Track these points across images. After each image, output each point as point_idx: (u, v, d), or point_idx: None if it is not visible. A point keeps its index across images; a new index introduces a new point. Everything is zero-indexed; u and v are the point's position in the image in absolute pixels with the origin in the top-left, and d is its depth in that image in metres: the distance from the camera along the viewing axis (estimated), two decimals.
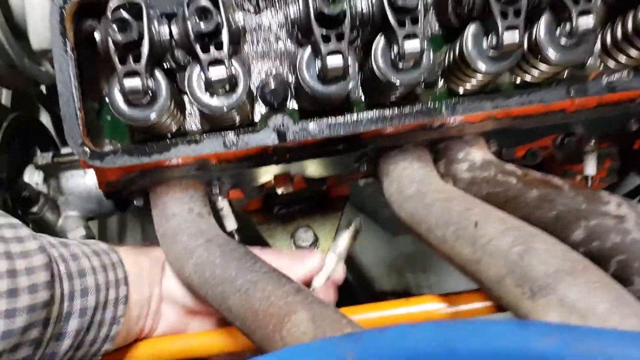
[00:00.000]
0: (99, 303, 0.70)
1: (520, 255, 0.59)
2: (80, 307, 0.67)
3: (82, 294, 0.68)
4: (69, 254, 0.70)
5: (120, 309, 0.73)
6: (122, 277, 0.75)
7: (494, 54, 0.72)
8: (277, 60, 0.80)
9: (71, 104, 0.70)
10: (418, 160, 0.81)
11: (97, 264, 0.72)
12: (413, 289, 1.72)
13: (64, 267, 0.67)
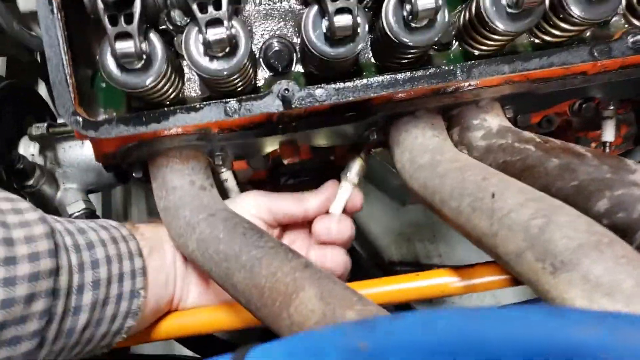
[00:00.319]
0: (113, 275, 0.66)
1: (541, 228, 0.55)
2: (92, 280, 0.64)
3: (92, 266, 0.64)
4: (75, 228, 0.66)
5: (139, 281, 0.70)
6: (135, 249, 0.71)
7: (513, 11, 0.67)
8: (281, 21, 0.75)
9: (61, 69, 0.65)
10: (431, 127, 0.76)
11: (107, 237, 0.69)
12: (422, 258, 1.69)
13: (70, 239, 0.64)
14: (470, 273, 0.75)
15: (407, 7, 0.64)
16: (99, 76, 0.74)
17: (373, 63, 0.76)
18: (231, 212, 0.73)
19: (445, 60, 0.77)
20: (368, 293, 0.74)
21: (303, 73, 0.76)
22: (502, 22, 0.67)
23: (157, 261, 0.74)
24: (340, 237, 0.81)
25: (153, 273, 0.72)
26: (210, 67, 0.64)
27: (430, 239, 1.71)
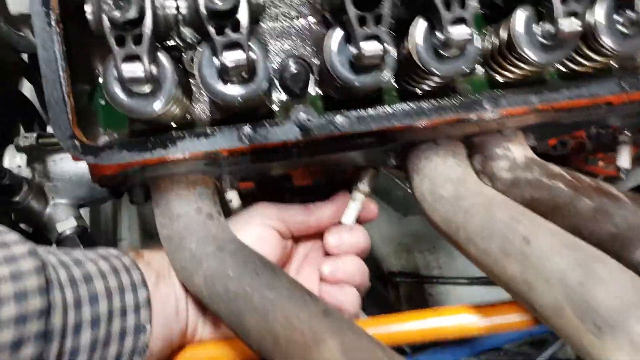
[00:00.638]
0: (115, 310, 0.61)
1: (580, 282, 0.51)
2: (91, 317, 0.58)
3: (91, 301, 0.59)
4: (71, 260, 0.61)
5: (144, 314, 0.64)
6: (138, 279, 0.65)
7: (548, 42, 0.63)
8: (298, 39, 0.70)
9: (58, 87, 0.60)
10: (453, 156, 0.72)
11: (106, 267, 0.63)
12: (422, 269, 1.67)
13: (64, 272, 0.58)
14: (491, 311, 0.72)
15: (440, 37, 0.59)
16: (99, 92, 0.68)
17: (394, 87, 0.71)
18: (240, 244, 0.68)
19: (469, 85, 0.73)
20: (384, 331, 0.71)
21: (320, 96, 0.71)
22: (535, 52, 0.64)
23: (165, 289, 0.68)
24: (354, 247, 0.78)
25: (161, 303, 0.67)
26: (225, 92, 0.59)
27: (430, 249, 1.68)
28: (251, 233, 0.73)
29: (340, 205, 0.80)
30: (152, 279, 0.67)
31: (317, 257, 0.82)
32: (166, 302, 0.68)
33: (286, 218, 0.76)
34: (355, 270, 0.77)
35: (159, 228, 0.70)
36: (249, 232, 0.73)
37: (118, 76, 0.55)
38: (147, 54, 0.54)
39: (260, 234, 0.74)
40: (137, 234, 1.71)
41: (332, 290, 0.76)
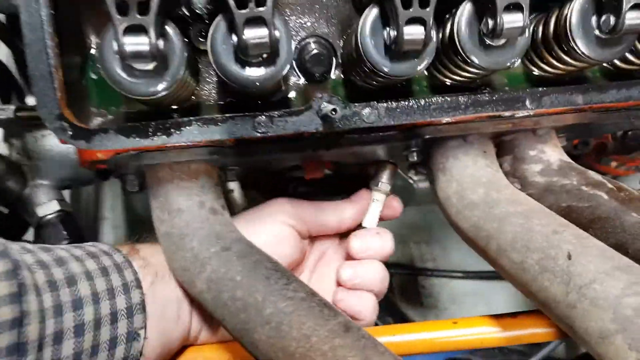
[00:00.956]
0: (103, 316, 0.54)
1: (636, 310, 0.46)
2: (74, 324, 0.51)
3: (74, 307, 0.51)
4: (52, 259, 0.53)
5: (138, 320, 0.57)
6: (131, 279, 0.58)
7: (605, 36, 0.56)
8: (322, 17, 0.62)
9: (43, 58, 0.51)
10: (483, 156, 0.66)
11: (94, 267, 0.56)
12: (417, 260, 1.62)
13: (42, 274, 0.51)
14: (512, 324, 0.66)
15: (489, 22, 0.52)
16: (91, 65, 0.60)
17: (425, 76, 0.64)
18: (248, 244, 0.61)
19: (505, 79, 0.66)
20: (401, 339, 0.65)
21: (342, 81, 0.64)
22: (589, 47, 0.57)
23: (165, 291, 0.61)
24: (378, 253, 0.72)
25: (158, 307, 0.59)
26: (242, 74, 0.51)
27: (426, 241, 1.63)
28: (269, 231, 0.66)
29: (362, 206, 0.74)
30: (149, 278, 0.59)
31: (334, 257, 0.76)
32: (165, 306, 0.60)
33: (306, 217, 0.69)
34: (376, 277, 0.71)
35: (156, 223, 0.62)
36: (266, 230, 0.66)
37: (118, 50, 0.47)
38: (153, 26, 0.46)
39: (279, 233, 0.67)
40: (121, 213, 1.62)
41: (348, 296, 0.70)
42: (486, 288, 1.59)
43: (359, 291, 0.70)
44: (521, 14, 0.51)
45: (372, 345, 0.50)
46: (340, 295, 0.70)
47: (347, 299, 0.70)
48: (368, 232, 0.73)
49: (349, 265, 0.71)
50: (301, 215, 0.69)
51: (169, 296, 0.61)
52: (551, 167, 0.66)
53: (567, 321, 0.51)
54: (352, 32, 0.58)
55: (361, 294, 0.70)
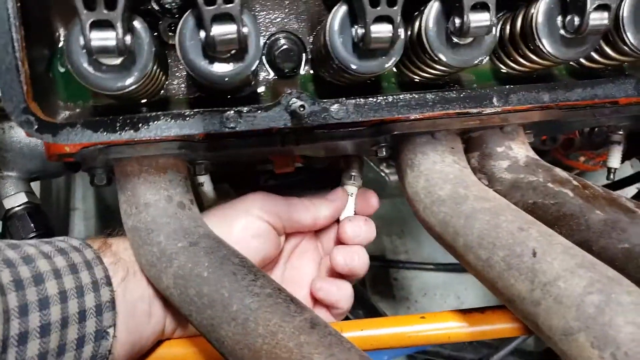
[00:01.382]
0: (70, 316, 0.53)
1: (599, 307, 0.47)
2: (40, 324, 0.50)
3: (40, 306, 0.51)
4: (19, 257, 0.52)
5: (107, 318, 0.56)
6: (101, 276, 0.57)
7: (569, 36, 0.57)
8: (291, 12, 0.62)
9: (10, 51, 0.50)
10: (451, 152, 0.67)
11: (63, 264, 0.55)
12: (389, 253, 1.63)
13: (7, 273, 0.50)
14: (480, 319, 0.68)
15: (456, 21, 0.53)
16: (58, 58, 0.59)
17: (394, 72, 0.65)
18: (216, 239, 0.61)
19: (473, 76, 0.67)
20: (369, 334, 0.66)
21: (312, 77, 0.64)
22: (554, 46, 0.58)
23: (137, 289, 0.60)
24: (367, 239, 0.76)
25: (129, 304, 0.59)
26: (210, 70, 0.51)
27: (398, 234, 1.65)
28: (244, 226, 0.66)
29: (338, 206, 0.76)
30: (120, 275, 0.59)
31: (307, 247, 0.77)
32: (136, 303, 0.60)
33: (281, 214, 0.69)
34: (364, 261, 0.74)
35: (123, 217, 0.62)
36: (241, 225, 0.66)
37: (84, 45, 0.46)
38: (121, 21, 0.45)
39: (255, 228, 0.67)
40: (92, 203, 1.60)
41: (327, 286, 0.72)
42: (457, 280, 1.62)
43: (338, 280, 0.73)
44: (488, 13, 0.52)
45: (339, 342, 0.50)
46: (319, 285, 0.72)
47: (326, 288, 0.72)
48: (359, 219, 0.76)
49: (341, 251, 0.73)
50: (277, 212, 0.69)
51: (141, 293, 0.61)
52: (518, 163, 0.67)
53: (532, 318, 0.52)
54: (321, 28, 0.58)
55: (338, 284, 0.72)
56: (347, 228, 0.74)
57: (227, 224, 0.65)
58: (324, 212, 0.74)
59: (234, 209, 0.68)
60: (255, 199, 0.69)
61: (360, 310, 1.26)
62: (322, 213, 0.73)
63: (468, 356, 1.29)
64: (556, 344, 0.50)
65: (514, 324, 0.67)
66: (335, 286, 0.72)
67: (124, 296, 0.58)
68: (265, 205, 0.68)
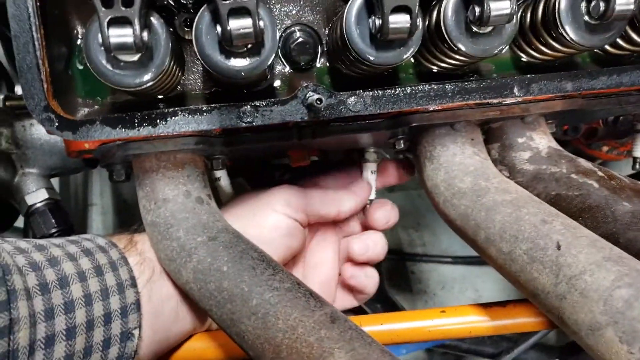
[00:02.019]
0: (96, 318, 0.53)
1: (627, 302, 0.46)
2: (66, 327, 0.51)
3: (66, 309, 0.51)
4: (45, 259, 0.52)
5: (132, 319, 0.56)
6: (127, 277, 0.57)
7: (593, 22, 0.56)
8: (307, 4, 0.61)
9: (31, 50, 0.51)
10: (471, 144, 0.66)
11: (89, 266, 0.55)
12: (405, 246, 1.62)
13: (33, 277, 0.50)
14: (501, 313, 0.67)
15: (476, 10, 0.52)
16: (77, 55, 0.59)
17: (412, 63, 0.64)
18: (235, 233, 0.61)
19: (493, 65, 0.66)
20: (389, 328, 0.65)
21: (328, 68, 0.63)
22: (578, 33, 0.57)
23: (162, 288, 0.60)
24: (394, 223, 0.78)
25: (155, 304, 0.59)
26: (227, 65, 0.51)
27: (414, 226, 1.63)
28: (270, 222, 0.66)
29: (362, 198, 0.75)
30: (146, 275, 0.59)
31: (326, 234, 0.77)
32: (162, 304, 0.59)
33: (306, 208, 0.69)
34: (382, 247, 0.75)
35: (142, 213, 0.62)
36: (267, 221, 0.66)
37: (103, 42, 0.46)
38: (138, 18, 0.45)
39: (281, 224, 0.66)
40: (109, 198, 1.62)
41: (358, 272, 0.74)
42: (475, 273, 1.61)
43: (366, 267, 0.74)
44: (508, 1, 0.51)
45: (359, 337, 0.50)
46: (351, 272, 0.74)
47: (357, 275, 0.73)
48: (386, 204, 0.77)
49: (358, 239, 0.74)
50: (302, 207, 0.69)
51: (167, 293, 0.60)
52: (540, 154, 0.66)
53: (556, 312, 0.51)
54: (337, 20, 0.57)
55: (367, 270, 0.74)
56: (378, 214, 0.75)
57: (255, 222, 0.66)
58: (348, 205, 0.73)
59: (259, 206, 0.68)
60: (280, 194, 0.68)
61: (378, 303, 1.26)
62: (347, 206, 0.73)
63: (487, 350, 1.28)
64: (582, 339, 0.49)
65: (536, 318, 0.66)
66: (363, 273, 0.74)
67: (149, 297, 0.58)
68: (291, 201, 0.68)
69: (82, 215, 1.56)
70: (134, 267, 0.58)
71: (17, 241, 0.53)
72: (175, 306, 0.61)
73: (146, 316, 0.57)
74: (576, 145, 1.18)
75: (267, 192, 0.69)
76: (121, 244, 0.61)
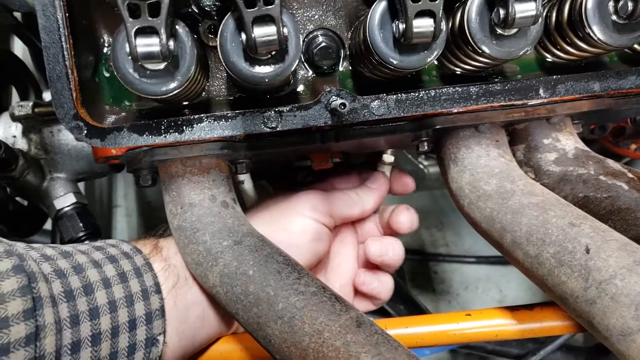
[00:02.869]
0: (121, 324, 0.54)
1: None
2: (91, 333, 0.51)
3: (91, 316, 0.52)
4: (70, 266, 0.53)
5: (157, 325, 0.57)
6: (151, 284, 0.58)
7: (621, 21, 0.55)
8: (329, 9, 0.62)
9: (60, 60, 0.52)
10: (496, 145, 0.65)
11: (113, 273, 0.56)
12: (428, 246, 1.61)
13: (59, 284, 0.51)
14: (528, 316, 0.66)
15: (500, 12, 0.51)
16: (104, 63, 0.60)
17: (435, 65, 0.64)
18: (260, 237, 0.61)
19: (517, 66, 0.65)
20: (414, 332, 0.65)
21: (351, 72, 0.63)
22: (606, 33, 0.56)
23: (187, 294, 0.60)
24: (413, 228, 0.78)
25: (180, 310, 0.59)
26: (252, 72, 0.51)
27: (437, 226, 1.62)
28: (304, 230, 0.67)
29: (382, 192, 0.77)
30: (171, 281, 0.59)
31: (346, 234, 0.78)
32: (188, 310, 0.60)
33: (333, 212, 0.70)
34: (400, 254, 0.75)
35: (169, 217, 0.63)
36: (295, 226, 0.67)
37: (130, 52, 0.47)
38: (164, 27, 0.46)
39: (315, 232, 0.67)
40: (133, 200, 1.64)
41: (371, 280, 0.74)
42: (499, 273, 1.59)
43: (380, 273, 0.74)
44: (534, 3, 0.50)
45: (385, 341, 0.50)
46: (363, 279, 0.74)
47: (368, 282, 0.73)
48: (410, 208, 0.77)
49: (377, 241, 0.74)
50: (328, 211, 0.69)
51: (193, 300, 0.61)
52: (567, 155, 0.65)
53: (586, 317, 0.51)
54: (360, 23, 0.57)
55: (381, 277, 0.74)
56: (404, 217, 0.76)
57: (282, 227, 0.66)
58: (370, 203, 0.75)
59: (286, 211, 0.68)
60: (306, 199, 0.69)
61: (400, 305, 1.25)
62: (369, 204, 0.74)
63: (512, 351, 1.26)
64: (613, 345, 0.48)
65: (564, 321, 0.65)
66: (376, 280, 0.74)
67: (174, 303, 0.59)
68: (317, 205, 0.69)
69: (107, 216, 1.58)
70: (159, 273, 0.59)
71: (43, 248, 0.54)
72: (201, 313, 0.61)
73: (171, 322, 0.58)
74: (602, 143, 1.16)
75: (292, 197, 0.70)
76: (146, 249, 0.61)
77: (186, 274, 0.61)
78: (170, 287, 0.59)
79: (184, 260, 0.62)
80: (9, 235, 0.86)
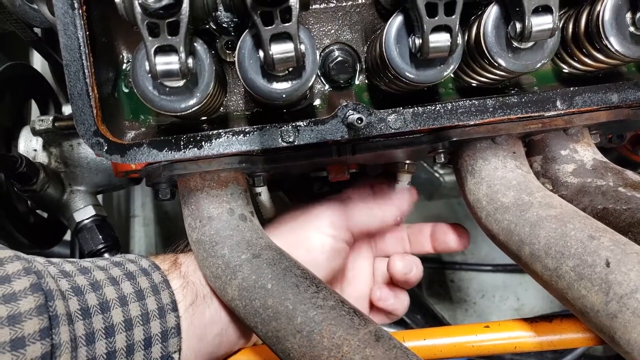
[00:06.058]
0: (136, 343, 0.54)
1: None
2: (106, 351, 0.52)
3: (106, 334, 0.52)
4: (87, 283, 0.54)
5: (173, 344, 0.57)
6: (168, 302, 0.58)
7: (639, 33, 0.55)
8: (345, 23, 0.62)
9: (81, 78, 0.53)
10: (513, 157, 0.65)
11: (130, 290, 0.56)
12: (445, 254, 1.60)
13: (75, 301, 0.52)
14: (547, 328, 0.65)
15: (517, 26, 0.51)
16: (123, 80, 0.61)
17: (451, 78, 0.64)
18: (278, 250, 0.61)
19: (534, 78, 0.65)
20: (431, 344, 0.65)
21: (367, 85, 0.63)
22: (623, 44, 0.55)
23: (205, 312, 0.61)
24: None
25: (198, 328, 0.59)
26: (270, 88, 0.52)
27: None
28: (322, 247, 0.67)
29: (403, 206, 0.76)
30: (189, 299, 0.60)
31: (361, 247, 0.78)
32: (206, 328, 0.60)
33: (352, 226, 0.71)
34: (420, 272, 0.75)
35: (188, 231, 0.64)
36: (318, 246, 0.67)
37: (150, 70, 0.48)
38: (183, 45, 0.47)
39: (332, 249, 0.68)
40: (151, 210, 1.66)
41: (386, 295, 0.74)
42: (516, 281, 1.57)
43: (397, 290, 0.74)
44: (550, 16, 0.50)
45: (404, 355, 0.50)
46: (379, 295, 0.74)
47: (384, 298, 0.74)
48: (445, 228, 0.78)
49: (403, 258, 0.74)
50: (345, 225, 0.70)
51: (211, 317, 0.61)
52: (585, 167, 0.65)
53: (607, 331, 0.50)
54: (376, 38, 0.57)
55: (398, 293, 0.74)
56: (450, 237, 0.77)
57: (300, 243, 0.67)
58: (390, 215, 0.74)
59: (304, 227, 0.69)
60: (324, 215, 0.69)
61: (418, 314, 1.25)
62: (390, 217, 0.74)
63: None
64: (635, 359, 0.48)
65: (584, 334, 0.65)
66: (393, 296, 0.74)
67: (191, 321, 0.59)
68: (336, 222, 0.69)
69: (125, 226, 1.60)
70: (177, 290, 0.59)
71: (62, 263, 0.55)
72: (220, 330, 0.61)
73: (188, 340, 0.58)
74: (620, 151, 1.15)
75: (310, 211, 0.70)
76: (165, 265, 0.62)
77: (204, 292, 0.61)
78: (187, 305, 0.59)
79: (202, 274, 0.62)
80: (30, 248, 0.87)
